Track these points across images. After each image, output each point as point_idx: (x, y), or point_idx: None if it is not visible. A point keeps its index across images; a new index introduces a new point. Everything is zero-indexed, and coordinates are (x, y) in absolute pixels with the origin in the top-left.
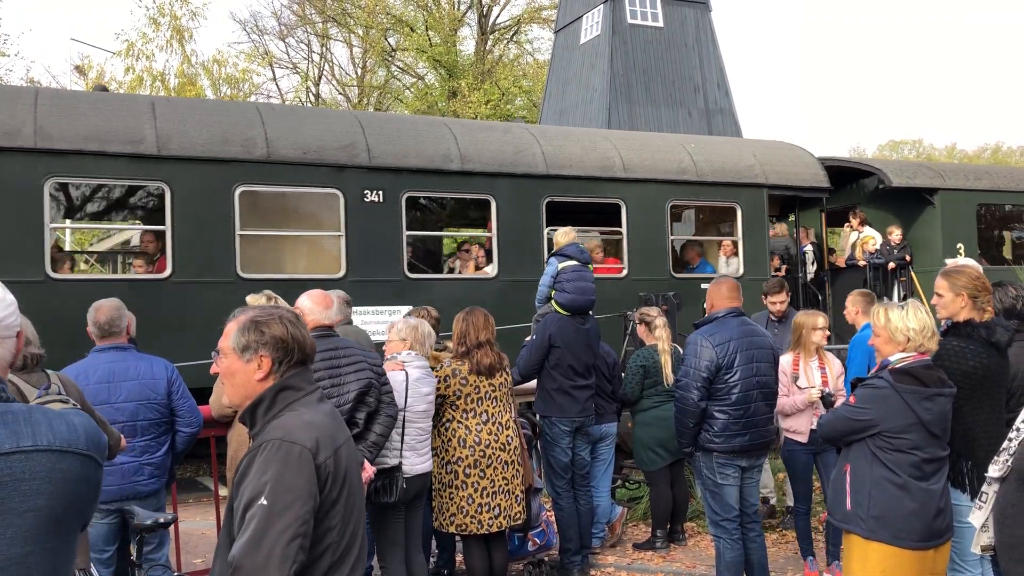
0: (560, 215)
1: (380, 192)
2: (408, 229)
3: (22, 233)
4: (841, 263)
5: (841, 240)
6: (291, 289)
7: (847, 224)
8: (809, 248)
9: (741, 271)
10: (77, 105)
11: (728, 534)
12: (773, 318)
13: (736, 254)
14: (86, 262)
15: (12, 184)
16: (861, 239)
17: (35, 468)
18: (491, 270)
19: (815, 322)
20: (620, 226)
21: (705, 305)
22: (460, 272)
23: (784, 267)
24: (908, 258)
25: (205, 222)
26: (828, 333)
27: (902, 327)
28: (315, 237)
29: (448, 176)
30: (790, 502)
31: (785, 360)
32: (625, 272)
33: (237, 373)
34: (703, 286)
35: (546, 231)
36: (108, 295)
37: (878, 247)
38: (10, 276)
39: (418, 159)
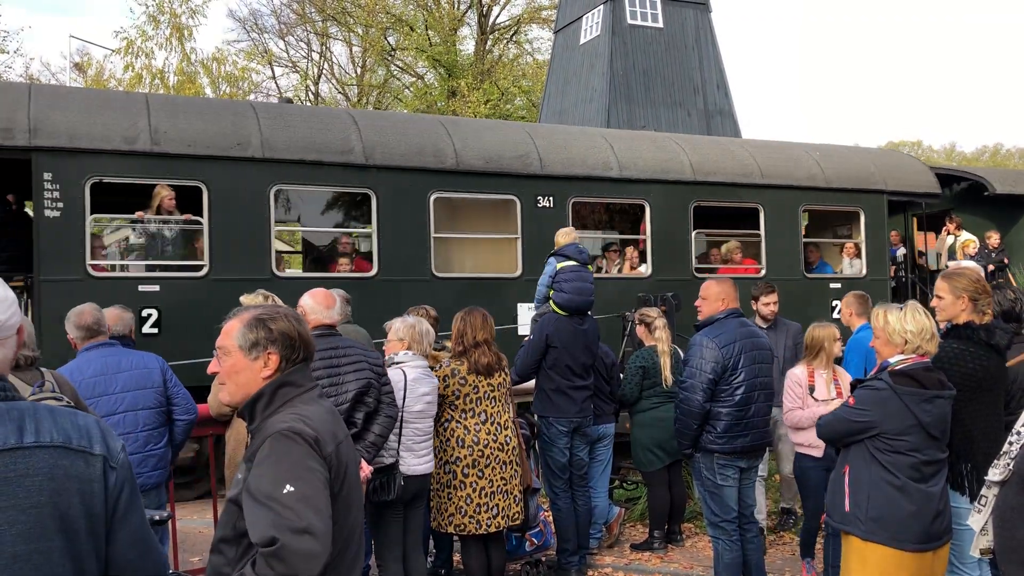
0: (705, 218)
1: (551, 198)
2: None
3: (252, 235)
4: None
5: (937, 243)
6: (477, 287)
7: (944, 228)
8: (902, 251)
9: (864, 272)
10: (292, 118)
11: (727, 535)
12: (761, 324)
13: (859, 256)
14: (314, 261)
15: (243, 190)
16: (961, 243)
17: (37, 465)
18: (644, 270)
19: (834, 333)
20: (758, 229)
21: (697, 305)
22: (606, 272)
23: (892, 267)
24: (1006, 260)
25: (405, 225)
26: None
27: (900, 329)
28: (496, 239)
29: (608, 183)
30: (784, 504)
31: (799, 372)
32: (763, 272)
33: (242, 371)
34: (832, 285)
35: (693, 233)
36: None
37: (977, 250)
38: (242, 274)
39: (582, 167)
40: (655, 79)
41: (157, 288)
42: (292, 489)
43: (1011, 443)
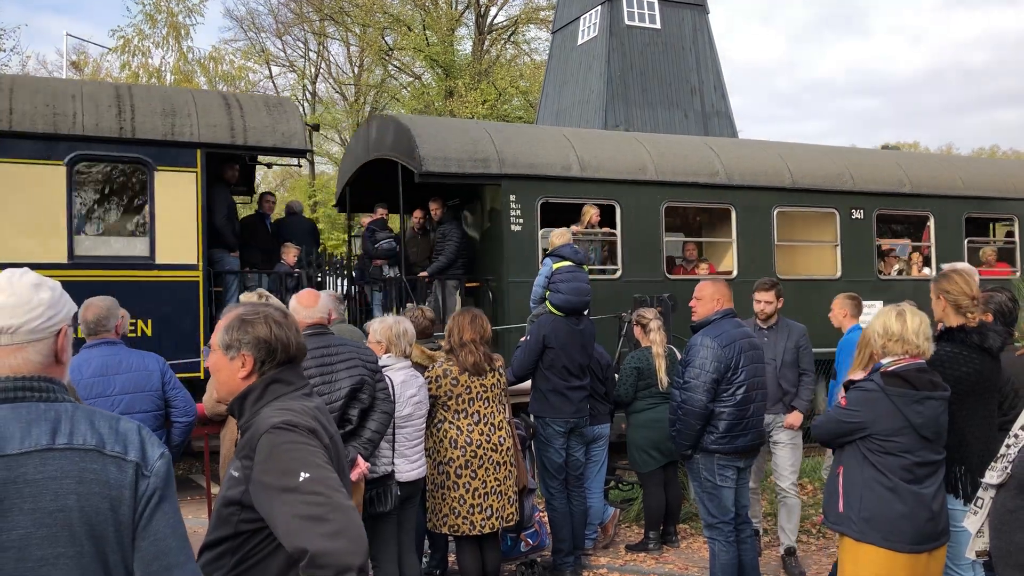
0: (972, 227)
1: (862, 211)
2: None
3: (649, 244)
4: None
5: None
6: (806, 288)
7: None
8: None
9: None
10: (671, 147)
11: (724, 536)
12: (761, 324)
13: None
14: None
15: (643, 207)
16: None
17: (66, 468)
18: (928, 272)
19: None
20: (1014, 237)
21: (692, 306)
22: (885, 273)
23: None
24: None
25: (755, 235)
26: None
27: (872, 328)
28: (820, 246)
29: (903, 198)
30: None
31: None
32: (1018, 275)
33: (222, 370)
34: None
35: (965, 241)
36: (690, 292)
37: None
38: (643, 277)
39: (883, 185)
40: (652, 80)
41: None
42: (308, 475)
43: (1008, 446)
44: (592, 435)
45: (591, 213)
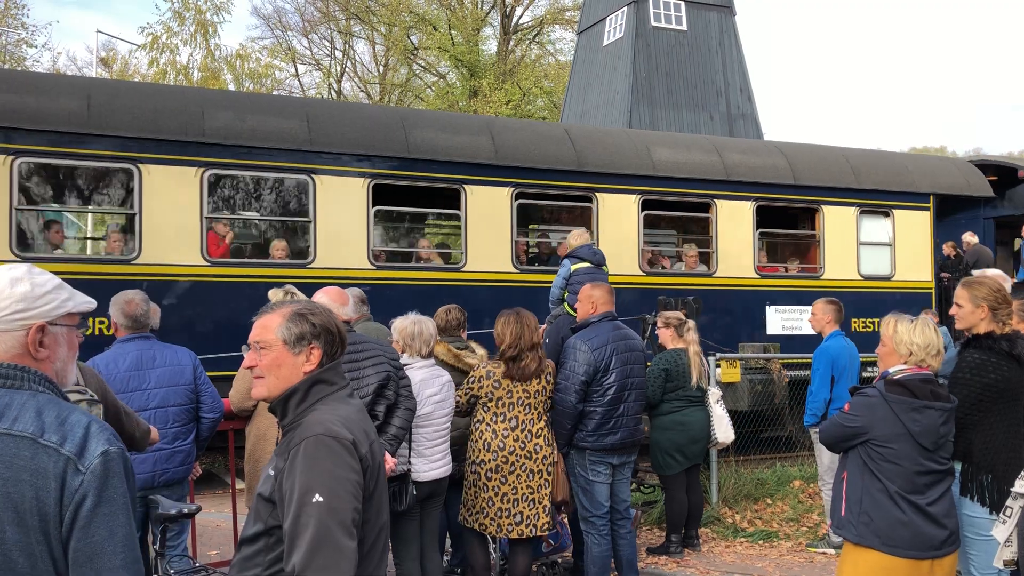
0: None
1: None
2: None
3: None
4: None
5: None
6: None
7: None
8: None
9: None
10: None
11: (597, 529)
12: None
13: None
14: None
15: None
16: None
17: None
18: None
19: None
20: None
21: (577, 309)
22: None
23: None
24: None
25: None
26: None
27: (907, 340)
28: None
29: None
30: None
31: None
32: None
33: (284, 365)
34: None
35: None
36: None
37: None
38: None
39: None
40: (678, 82)
41: None
42: (320, 499)
43: None
44: None
45: None
